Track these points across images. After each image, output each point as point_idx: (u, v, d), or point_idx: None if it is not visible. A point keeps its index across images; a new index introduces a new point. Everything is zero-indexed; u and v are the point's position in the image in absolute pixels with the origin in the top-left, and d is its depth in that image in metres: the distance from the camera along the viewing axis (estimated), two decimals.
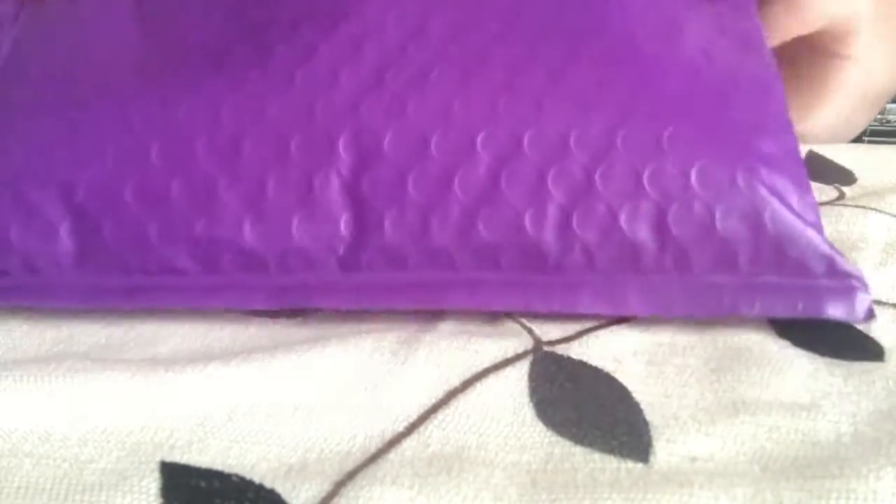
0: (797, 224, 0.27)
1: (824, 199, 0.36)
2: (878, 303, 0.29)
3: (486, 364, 0.26)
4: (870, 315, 0.27)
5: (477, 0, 0.31)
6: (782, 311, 0.27)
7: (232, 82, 0.29)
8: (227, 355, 0.26)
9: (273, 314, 0.29)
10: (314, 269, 0.28)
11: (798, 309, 0.27)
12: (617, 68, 0.29)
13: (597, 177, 0.27)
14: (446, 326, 0.28)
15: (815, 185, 0.38)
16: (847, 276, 0.27)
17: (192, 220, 0.28)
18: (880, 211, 0.34)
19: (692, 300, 0.27)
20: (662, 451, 0.22)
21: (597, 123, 0.28)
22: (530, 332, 0.28)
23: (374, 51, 0.29)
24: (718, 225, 0.27)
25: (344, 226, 0.28)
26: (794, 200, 0.28)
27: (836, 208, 0.35)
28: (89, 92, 0.30)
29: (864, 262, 0.31)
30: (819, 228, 0.28)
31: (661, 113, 0.28)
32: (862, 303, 0.27)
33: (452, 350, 0.26)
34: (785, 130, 0.29)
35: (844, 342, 0.26)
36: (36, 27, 0.33)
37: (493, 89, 0.29)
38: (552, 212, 0.27)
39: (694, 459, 0.22)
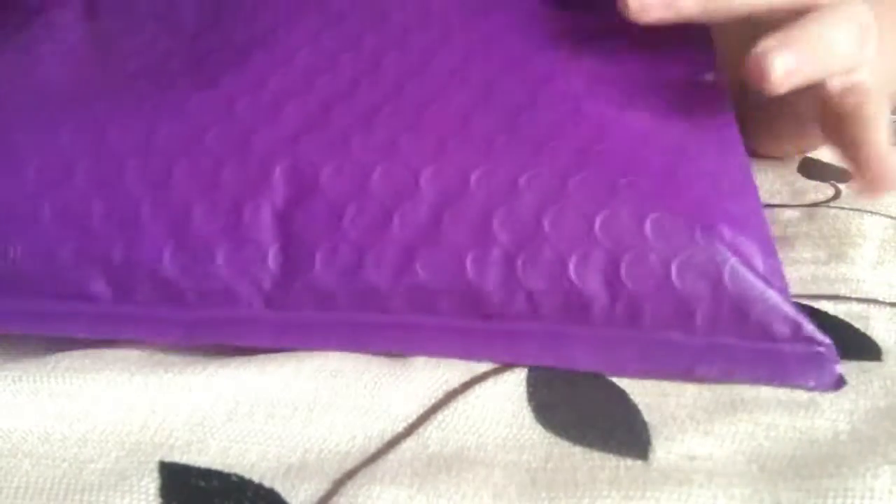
0: (758, 284, 0.26)
1: (821, 197, 0.37)
2: (875, 302, 0.29)
3: (485, 368, 0.26)
4: (839, 384, 0.25)
5: (433, 44, 0.30)
6: (743, 376, 0.25)
7: (170, 107, 0.28)
8: (226, 355, 0.26)
9: None
10: (237, 305, 0.26)
11: (761, 375, 0.25)
12: (572, 118, 0.28)
13: (546, 220, 0.26)
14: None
15: (811, 184, 0.38)
16: (814, 341, 0.26)
17: (110, 243, 0.26)
18: (874, 213, 0.34)
19: (645, 357, 0.26)
20: (661, 450, 0.22)
21: (549, 167, 0.27)
22: None
23: (324, 86, 0.28)
24: (674, 279, 0.26)
25: (272, 259, 0.26)
26: (756, 261, 0.26)
27: (833, 208, 0.35)
28: (22, 113, 0.28)
29: (860, 260, 0.31)
30: (784, 291, 0.26)
31: (617, 163, 0.27)
32: (830, 372, 0.25)
33: None
34: (746, 190, 0.28)
35: (842, 341, 0.26)
36: None
37: (443, 129, 0.27)
38: (496, 255, 0.26)
39: (692, 458, 0.22)
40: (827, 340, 0.26)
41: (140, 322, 0.26)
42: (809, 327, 0.26)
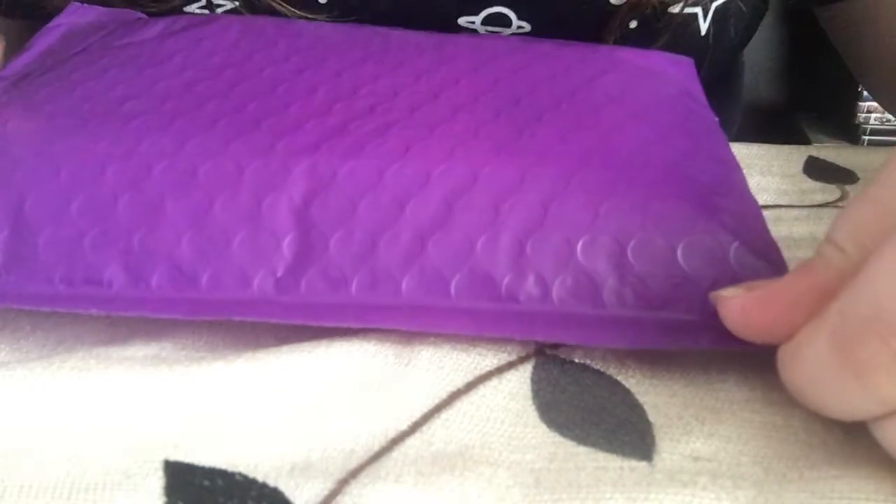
0: (761, 263, 0.27)
1: (828, 198, 0.37)
2: None
3: (490, 367, 0.26)
4: None
5: (444, 83, 0.33)
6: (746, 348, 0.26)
7: (198, 126, 0.30)
8: (231, 354, 0.26)
9: None
10: (249, 288, 0.27)
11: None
12: (576, 131, 0.31)
13: (552, 208, 0.28)
14: None
15: (817, 185, 0.38)
16: None
17: (131, 232, 0.27)
18: None
19: (652, 335, 0.26)
20: (665, 451, 0.22)
21: (554, 168, 0.29)
22: None
23: (342, 110, 0.31)
24: (680, 261, 0.27)
25: (287, 247, 0.27)
26: (758, 244, 0.27)
27: (840, 208, 0.35)
28: (60, 124, 0.30)
29: None
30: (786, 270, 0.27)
31: (621, 162, 0.29)
32: None
33: (456, 352, 0.26)
34: (744, 195, 0.30)
35: None
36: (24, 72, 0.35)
37: (453, 139, 0.30)
38: (505, 239, 0.27)
39: (697, 459, 0.22)
40: None
41: (150, 302, 0.27)
42: None
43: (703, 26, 0.46)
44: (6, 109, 0.32)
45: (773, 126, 0.79)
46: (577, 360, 0.26)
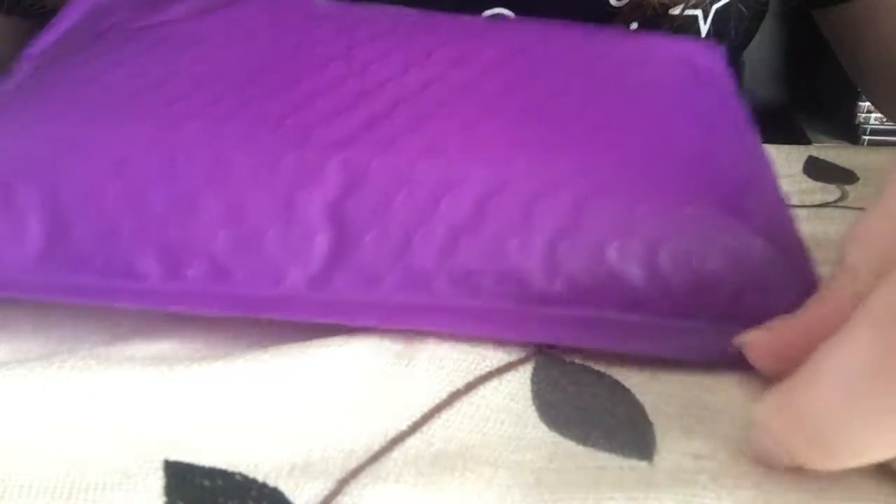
0: (791, 271, 0.27)
1: (828, 198, 0.37)
2: None
3: (490, 368, 0.26)
4: None
5: (474, 77, 0.32)
6: None
7: (230, 114, 0.30)
8: (231, 355, 0.26)
9: None
10: (282, 284, 0.27)
11: None
12: (610, 129, 0.31)
13: (586, 209, 0.27)
14: None
15: (818, 185, 0.38)
16: None
17: (166, 225, 0.27)
18: None
19: (680, 343, 0.26)
20: (666, 450, 0.22)
21: (587, 168, 0.29)
22: None
23: (370, 105, 0.30)
24: (711, 267, 0.27)
25: (320, 244, 0.27)
26: (786, 247, 0.28)
27: (839, 209, 0.35)
28: (94, 111, 0.30)
29: None
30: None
31: (652, 162, 0.29)
32: None
33: (455, 353, 0.26)
34: (775, 197, 0.30)
35: None
36: (59, 52, 0.35)
37: (488, 136, 0.30)
38: (537, 241, 0.27)
39: (697, 458, 0.22)
40: None
41: (185, 297, 0.27)
42: None
43: (704, 28, 0.46)
44: (36, 94, 0.32)
45: (773, 126, 0.78)
46: (577, 362, 0.26)
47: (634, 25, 0.44)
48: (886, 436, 0.18)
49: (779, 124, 0.81)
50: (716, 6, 0.45)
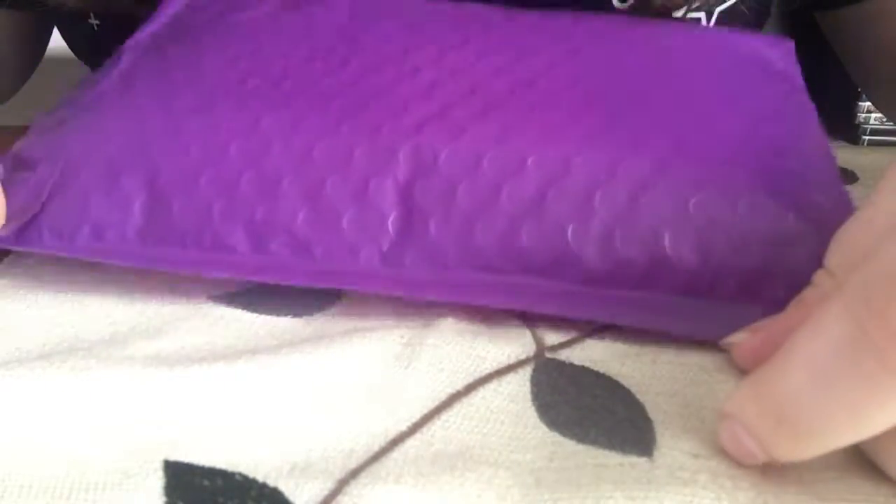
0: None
1: None
2: None
3: (490, 370, 0.26)
4: None
5: (542, 66, 0.34)
6: None
7: (312, 105, 0.32)
8: (231, 354, 0.26)
9: (278, 314, 0.29)
10: (357, 260, 0.30)
11: None
12: (671, 121, 0.32)
13: (642, 199, 0.29)
14: (449, 327, 0.28)
15: None
16: None
17: (254, 205, 0.30)
18: None
19: (729, 326, 0.26)
20: (666, 447, 0.22)
21: (647, 158, 0.30)
22: (533, 334, 0.28)
23: (443, 94, 0.33)
24: (764, 254, 0.28)
25: (391, 224, 0.30)
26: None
27: None
28: (190, 100, 0.33)
29: None
30: None
31: (708, 155, 0.30)
32: None
33: (456, 354, 0.26)
34: (836, 188, 0.30)
35: None
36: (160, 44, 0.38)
37: (550, 124, 0.31)
38: (595, 226, 0.29)
39: (697, 456, 0.22)
40: None
41: (271, 269, 0.30)
42: None
43: None
44: (138, 84, 0.34)
45: None
46: (576, 363, 0.26)
47: None
48: (856, 413, 0.18)
49: None
50: (719, 9, 0.46)
